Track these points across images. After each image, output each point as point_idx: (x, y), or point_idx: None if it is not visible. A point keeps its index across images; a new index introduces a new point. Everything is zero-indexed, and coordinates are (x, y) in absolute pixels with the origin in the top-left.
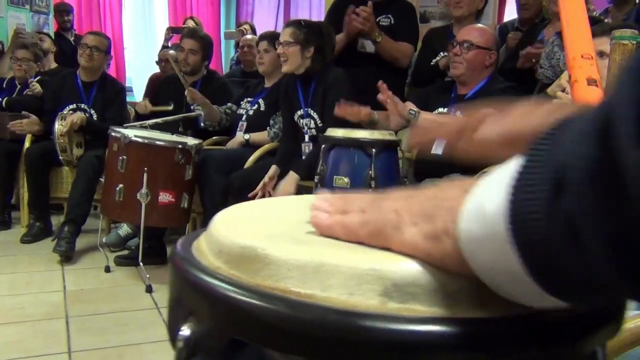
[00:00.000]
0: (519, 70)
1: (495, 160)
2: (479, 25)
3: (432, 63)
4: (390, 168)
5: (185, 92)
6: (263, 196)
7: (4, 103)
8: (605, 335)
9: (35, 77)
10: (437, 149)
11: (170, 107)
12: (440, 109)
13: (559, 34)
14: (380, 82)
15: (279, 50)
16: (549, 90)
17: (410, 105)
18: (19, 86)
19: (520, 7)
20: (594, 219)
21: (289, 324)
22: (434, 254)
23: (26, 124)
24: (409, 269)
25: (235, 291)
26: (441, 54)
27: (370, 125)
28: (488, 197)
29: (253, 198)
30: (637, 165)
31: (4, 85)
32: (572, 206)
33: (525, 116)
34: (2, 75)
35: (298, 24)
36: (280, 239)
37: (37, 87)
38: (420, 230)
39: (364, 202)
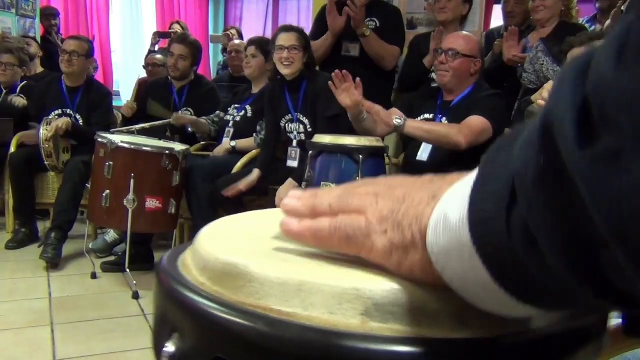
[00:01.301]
0: (503, 72)
1: None
2: (465, 32)
3: (422, 61)
4: (378, 174)
5: (172, 118)
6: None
7: None
8: (590, 354)
9: (21, 82)
10: (423, 155)
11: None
12: (426, 115)
13: (544, 40)
14: (357, 80)
15: (284, 54)
16: (533, 97)
17: (395, 113)
18: (4, 91)
19: (506, 14)
20: (546, 225)
21: (270, 343)
22: (403, 265)
23: (34, 135)
24: (391, 288)
25: (217, 309)
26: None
27: (356, 121)
28: (451, 206)
29: (241, 200)
30: (580, 165)
31: None
32: (524, 214)
33: None
34: None
35: (298, 29)
36: (264, 255)
37: (19, 102)
38: (390, 240)
39: (333, 198)
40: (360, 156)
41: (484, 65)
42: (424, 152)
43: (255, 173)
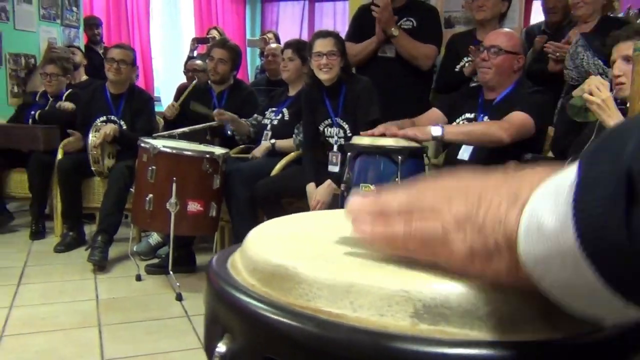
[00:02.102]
0: (546, 72)
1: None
2: (506, 29)
3: (456, 69)
4: (417, 175)
5: (214, 113)
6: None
7: (37, 116)
8: None
9: (66, 90)
10: (464, 154)
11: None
12: (467, 115)
13: (583, 35)
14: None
15: (323, 60)
16: (574, 93)
17: (434, 113)
18: (51, 99)
19: (547, 10)
20: None
21: (320, 344)
22: (487, 271)
23: (75, 141)
24: (439, 290)
25: (267, 310)
26: (465, 59)
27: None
28: (543, 212)
29: (280, 202)
30: None
31: (37, 99)
32: None
33: None
34: (35, 89)
35: (336, 35)
36: (313, 257)
37: (68, 106)
38: (470, 246)
39: (402, 204)
40: (399, 157)
41: (526, 61)
42: (465, 152)
43: (312, 187)
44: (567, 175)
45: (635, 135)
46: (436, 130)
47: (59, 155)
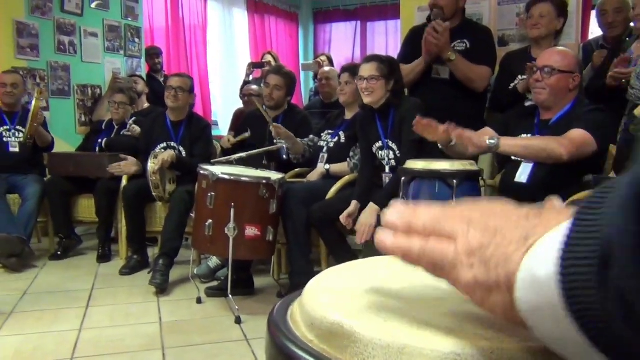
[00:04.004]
0: (607, 89)
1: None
2: (560, 48)
3: (510, 87)
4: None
5: (270, 128)
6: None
7: (103, 144)
8: None
9: (130, 118)
10: (522, 177)
11: (248, 134)
12: (524, 135)
13: None
14: (431, 122)
15: (364, 84)
16: (636, 111)
17: (487, 133)
18: (116, 127)
19: (607, 25)
20: None
21: None
22: (486, 302)
23: (124, 166)
24: (491, 353)
25: None
26: (519, 77)
27: (448, 147)
28: (539, 262)
29: (336, 225)
30: None
31: (103, 127)
32: (621, 283)
33: None
34: (101, 118)
35: (379, 59)
36: (368, 314)
37: (137, 130)
38: (474, 276)
39: (429, 218)
40: (455, 181)
41: (582, 79)
42: (523, 174)
43: (353, 205)
44: (563, 228)
45: (615, 196)
46: (492, 140)
47: (124, 182)
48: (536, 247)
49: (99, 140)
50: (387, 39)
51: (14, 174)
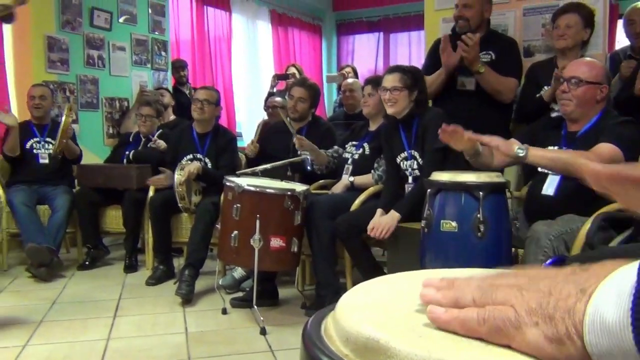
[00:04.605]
0: (636, 100)
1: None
2: (587, 58)
3: (536, 97)
4: (499, 211)
5: (294, 140)
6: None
7: (130, 156)
8: None
9: (157, 130)
10: (549, 190)
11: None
12: (550, 148)
13: None
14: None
15: (387, 95)
16: None
17: (515, 143)
18: (143, 140)
19: (634, 36)
20: None
21: None
22: (559, 357)
23: (164, 179)
24: None
25: None
26: (545, 88)
27: (473, 158)
28: (606, 306)
29: (361, 237)
30: None
31: (130, 139)
32: None
33: None
34: (128, 130)
35: (402, 69)
36: (404, 329)
37: (161, 144)
38: (542, 332)
39: (475, 291)
40: (481, 193)
41: (610, 90)
42: (550, 187)
43: (378, 214)
44: (630, 274)
45: None
46: (520, 150)
47: (151, 193)
48: (597, 295)
49: (127, 152)
50: (410, 49)
51: (44, 185)
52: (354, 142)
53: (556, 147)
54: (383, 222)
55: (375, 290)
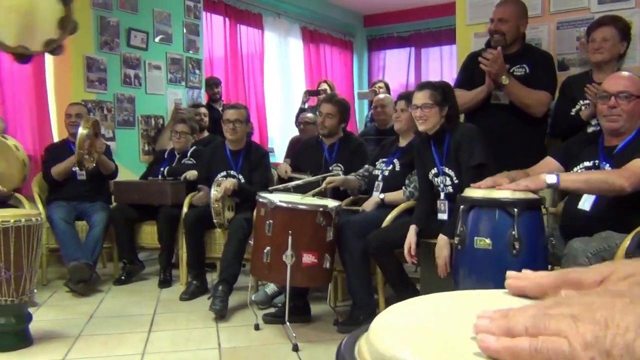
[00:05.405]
0: None
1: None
2: (625, 72)
3: (572, 113)
4: (535, 228)
5: (323, 185)
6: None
7: (165, 172)
8: None
9: (191, 147)
10: (585, 205)
11: (307, 177)
12: (586, 163)
13: None
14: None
15: (417, 112)
16: None
17: (543, 175)
18: (177, 156)
19: None
20: None
21: None
22: None
23: (204, 195)
24: None
25: None
26: (580, 102)
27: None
28: None
29: (393, 253)
30: None
31: (165, 156)
32: None
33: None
34: (163, 147)
35: (432, 86)
36: (438, 352)
37: (192, 175)
38: None
39: (528, 320)
40: (515, 210)
41: None
42: (585, 202)
43: (412, 230)
44: None
45: None
46: (551, 178)
47: (185, 209)
48: None
49: (162, 169)
50: (442, 64)
51: (82, 201)
52: (383, 159)
53: (592, 163)
54: (439, 256)
55: (410, 311)
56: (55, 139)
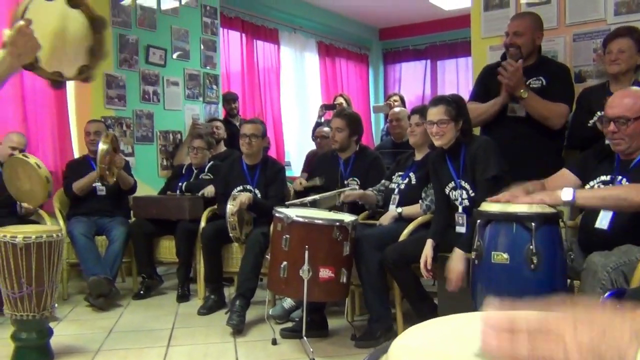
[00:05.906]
0: None
1: None
2: (633, 88)
3: (589, 124)
4: (553, 242)
5: (341, 199)
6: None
7: (183, 187)
8: None
9: (208, 162)
10: (602, 223)
11: (318, 183)
12: (603, 178)
13: None
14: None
15: (434, 129)
16: None
17: (559, 191)
18: (195, 171)
19: None
20: None
21: None
22: None
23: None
24: None
25: None
26: (598, 113)
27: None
28: None
29: (410, 268)
30: None
31: (183, 171)
32: None
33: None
34: (181, 162)
35: (446, 101)
36: None
37: (210, 192)
38: None
39: (531, 323)
40: (533, 224)
41: None
42: (603, 220)
43: (429, 244)
44: None
45: None
46: (567, 195)
47: (202, 223)
48: None
49: (180, 184)
50: (458, 76)
51: (102, 216)
52: (399, 173)
53: (608, 177)
54: (452, 269)
55: (428, 334)
56: (76, 155)
